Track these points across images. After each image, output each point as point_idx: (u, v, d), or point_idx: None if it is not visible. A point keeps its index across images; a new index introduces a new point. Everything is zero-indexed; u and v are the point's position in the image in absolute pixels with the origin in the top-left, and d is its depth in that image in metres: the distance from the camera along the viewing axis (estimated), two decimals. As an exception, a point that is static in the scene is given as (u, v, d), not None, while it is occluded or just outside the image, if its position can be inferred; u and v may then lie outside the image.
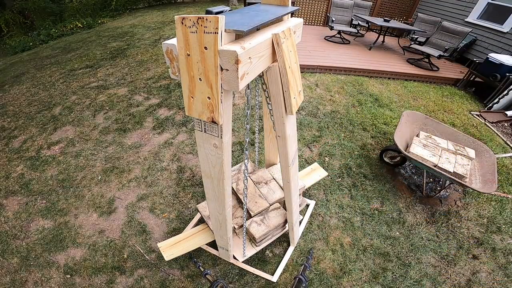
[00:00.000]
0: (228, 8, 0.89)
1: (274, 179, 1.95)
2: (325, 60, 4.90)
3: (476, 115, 3.97)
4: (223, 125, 0.87)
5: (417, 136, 2.73)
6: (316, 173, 2.33)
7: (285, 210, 1.77)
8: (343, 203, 2.43)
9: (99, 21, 10.50)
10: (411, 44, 5.46)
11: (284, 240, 2.09)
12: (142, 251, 2.05)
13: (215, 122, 0.83)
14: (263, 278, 1.86)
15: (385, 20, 5.60)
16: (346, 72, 4.80)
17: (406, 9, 7.20)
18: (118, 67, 5.19)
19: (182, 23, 0.67)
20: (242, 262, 1.88)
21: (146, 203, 2.42)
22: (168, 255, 1.75)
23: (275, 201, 1.85)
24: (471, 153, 2.50)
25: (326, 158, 2.90)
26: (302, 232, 2.16)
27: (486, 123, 3.77)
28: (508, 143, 3.36)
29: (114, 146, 3.10)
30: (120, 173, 2.74)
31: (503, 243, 2.18)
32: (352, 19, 6.21)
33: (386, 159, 2.81)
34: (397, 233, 2.21)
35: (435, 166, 2.27)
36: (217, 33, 0.65)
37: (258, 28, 0.86)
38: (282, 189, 1.85)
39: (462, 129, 3.55)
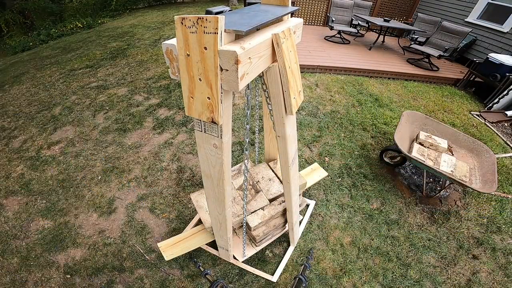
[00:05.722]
0: (228, 8, 0.90)
1: (276, 176, 1.94)
2: (325, 60, 4.90)
3: (476, 115, 3.96)
4: (223, 125, 0.87)
5: (417, 136, 2.73)
6: (316, 173, 2.33)
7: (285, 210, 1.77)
8: (343, 203, 2.43)
9: (99, 21, 10.51)
10: (411, 44, 5.45)
11: (284, 240, 2.09)
12: (142, 251, 2.05)
13: (215, 122, 0.83)
14: (263, 278, 1.86)
15: (385, 20, 5.59)
16: (346, 72, 4.80)
17: (406, 9, 7.20)
18: (118, 67, 5.19)
19: (182, 23, 0.67)
20: (242, 262, 1.88)
21: (146, 203, 2.42)
22: (168, 255, 1.75)
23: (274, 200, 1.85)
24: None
25: (326, 158, 2.90)
26: (302, 232, 2.16)
27: (486, 123, 3.77)
28: (508, 143, 3.36)
29: (114, 146, 3.10)
30: (120, 173, 2.74)
31: (503, 243, 2.18)
32: (352, 19, 6.21)
33: (386, 159, 2.81)
34: (397, 233, 2.21)
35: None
36: (217, 33, 0.65)
37: (258, 28, 0.86)
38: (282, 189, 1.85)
39: (462, 129, 3.55)
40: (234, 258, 1.88)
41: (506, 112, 3.88)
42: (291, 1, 1.07)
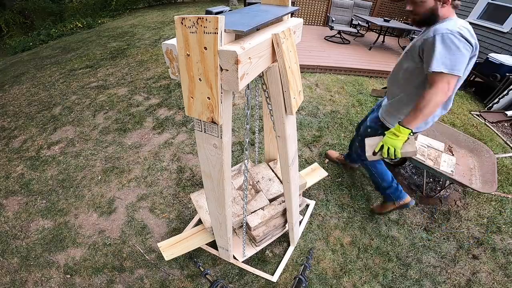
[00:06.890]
0: (228, 8, 0.90)
1: (276, 176, 1.94)
2: (325, 60, 4.90)
3: (476, 115, 3.96)
4: (223, 125, 0.87)
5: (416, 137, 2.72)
6: (316, 173, 2.33)
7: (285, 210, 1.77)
8: (343, 203, 2.43)
9: (99, 21, 10.52)
10: (411, 44, 5.45)
11: (284, 240, 2.09)
12: (142, 251, 2.05)
13: (215, 123, 0.83)
14: (263, 278, 1.86)
15: (385, 20, 5.60)
16: (346, 72, 4.80)
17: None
18: (118, 67, 5.19)
19: (182, 23, 0.67)
20: (242, 262, 1.88)
21: (146, 203, 2.42)
22: (168, 255, 1.75)
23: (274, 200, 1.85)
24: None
25: (326, 158, 2.90)
26: (302, 232, 2.16)
27: (486, 123, 3.76)
28: (508, 143, 3.36)
29: (114, 146, 3.10)
30: (120, 173, 2.74)
31: (503, 243, 2.18)
32: (352, 19, 6.21)
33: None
34: (397, 233, 2.21)
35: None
36: (217, 33, 0.65)
37: (258, 28, 0.86)
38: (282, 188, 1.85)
39: (462, 129, 3.55)
40: (234, 258, 1.88)
41: (506, 112, 3.87)
42: (291, 1, 1.07)
